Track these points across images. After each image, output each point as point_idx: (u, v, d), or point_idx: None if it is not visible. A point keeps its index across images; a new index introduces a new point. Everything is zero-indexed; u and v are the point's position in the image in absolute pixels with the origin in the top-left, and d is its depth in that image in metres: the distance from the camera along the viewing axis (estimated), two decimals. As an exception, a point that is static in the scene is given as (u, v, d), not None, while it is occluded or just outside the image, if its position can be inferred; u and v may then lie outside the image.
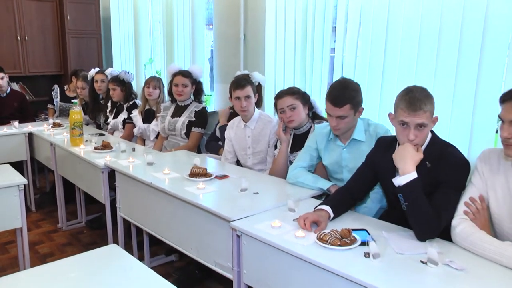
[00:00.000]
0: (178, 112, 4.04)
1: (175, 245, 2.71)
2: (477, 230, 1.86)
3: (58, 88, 5.70)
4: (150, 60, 5.90)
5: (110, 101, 4.81)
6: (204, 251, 2.48)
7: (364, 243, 1.90)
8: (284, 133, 3.06)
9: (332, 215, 2.16)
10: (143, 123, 4.37)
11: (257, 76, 3.64)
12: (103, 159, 3.37)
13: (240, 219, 2.20)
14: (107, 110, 4.86)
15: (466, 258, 1.79)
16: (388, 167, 2.19)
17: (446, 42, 2.80)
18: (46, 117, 5.70)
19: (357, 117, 2.57)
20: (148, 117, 4.39)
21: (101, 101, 5.04)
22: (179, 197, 2.56)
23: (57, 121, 4.98)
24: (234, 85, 3.32)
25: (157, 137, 4.30)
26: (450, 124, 2.83)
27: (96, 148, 3.71)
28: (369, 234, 2.01)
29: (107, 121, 4.84)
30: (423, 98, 2.01)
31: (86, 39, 6.41)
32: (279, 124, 3.10)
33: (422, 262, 1.76)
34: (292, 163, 2.86)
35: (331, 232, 1.94)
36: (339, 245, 1.87)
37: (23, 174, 3.42)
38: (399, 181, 1.99)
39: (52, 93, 5.70)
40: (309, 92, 3.43)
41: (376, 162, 2.30)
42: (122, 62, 6.37)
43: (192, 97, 4.07)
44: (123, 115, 4.61)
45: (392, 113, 2.15)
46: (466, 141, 2.76)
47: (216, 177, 2.87)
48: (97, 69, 5.12)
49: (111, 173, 3.30)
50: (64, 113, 5.46)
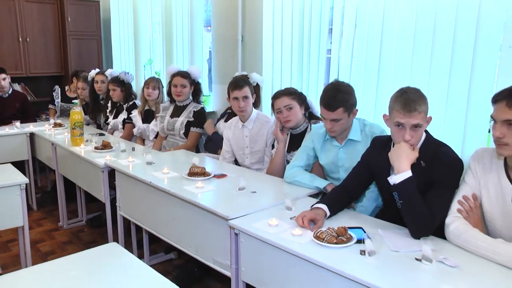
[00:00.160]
0: (177, 112, 4.03)
1: (174, 243, 2.71)
2: (470, 228, 1.87)
3: (59, 88, 5.69)
4: (149, 61, 5.89)
5: (110, 101, 4.79)
6: (203, 249, 2.48)
7: (360, 241, 1.90)
8: (281, 133, 3.06)
9: (329, 213, 2.16)
10: (143, 123, 4.37)
11: (256, 77, 3.64)
12: (103, 159, 3.37)
13: (238, 217, 2.20)
14: (107, 110, 4.85)
15: (460, 255, 1.79)
16: (383, 166, 2.20)
17: (440, 44, 2.81)
18: (47, 117, 5.69)
19: (351, 118, 2.57)
20: (148, 117, 4.39)
21: (101, 102, 5.03)
22: (178, 196, 2.56)
23: (58, 121, 4.96)
24: (232, 85, 3.31)
25: (156, 137, 4.29)
26: (444, 124, 2.84)
27: (96, 148, 3.70)
28: (364, 232, 2.01)
29: (107, 121, 4.83)
30: (418, 99, 2.01)
31: (87, 41, 6.40)
32: (276, 124, 3.10)
33: (416, 259, 1.76)
34: (289, 163, 2.86)
35: (327, 230, 1.94)
36: (336, 243, 1.87)
37: (24, 174, 3.40)
38: (394, 179, 1.99)
39: (53, 93, 5.69)
40: (306, 93, 3.43)
41: (372, 161, 2.30)
42: (122, 63, 6.36)
43: (190, 97, 4.07)
44: (123, 115, 4.60)
45: (387, 114, 2.15)
46: (460, 140, 2.77)
47: (215, 176, 2.86)
48: (97, 70, 5.10)
49: (111, 173, 3.30)
50: (65, 113, 5.45)
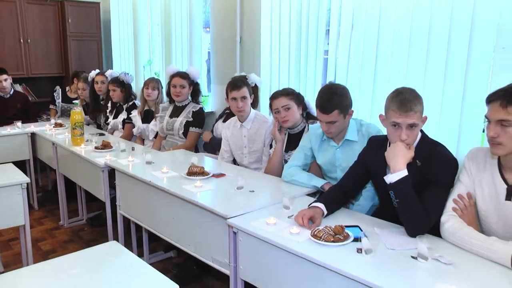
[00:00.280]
0: (176, 112, 4.03)
1: (174, 241, 2.71)
2: (465, 226, 1.87)
3: (60, 89, 5.69)
4: (149, 62, 5.88)
5: (110, 101, 4.79)
6: (202, 247, 2.48)
7: (356, 239, 1.90)
8: (279, 132, 3.06)
9: (326, 212, 2.16)
10: (142, 123, 4.37)
11: (254, 78, 3.64)
12: (103, 158, 3.37)
13: (237, 216, 2.20)
14: (107, 110, 4.84)
15: (455, 253, 1.80)
16: (379, 166, 2.20)
17: (435, 45, 2.81)
18: (48, 117, 5.69)
19: (347, 119, 2.57)
20: (147, 117, 4.38)
21: (101, 102, 5.03)
22: (177, 195, 2.56)
23: (59, 121, 4.95)
24: (230, 86, 3.31)
25: (155, 136, 4.29)
26: (439, 124, 2.84)
27: (96, 148, 3.70)
28: (361, 231, 2.02)
29: (107, 121, 4.83)
30: (413, 99, 2.01)
31: (87, 42, 6.40)
32: (274, 124, 3.10)
33: (412, 257, 1.76)
34: (287, 162, 2.86)
35: (324, 228, 1.95)
36: (333, 241, 1.87)
37: (26, 173, 3.41)
38: (390, 178, 2.00)
39: (54, 94, 5.69)
40: (303, 93, 3.43)
41: (368, 160, 2.30)
42: (121, 64, 6.35)
43: (189, 97, 4.06)
44: (122, 115, 4.60)
45: (383, 115, 2.15)
46: (455, 140, 2.77)
47: (213, 175, 2.86)
48: (97, 70, 5.10)
49: (111, 172, 3.29)
50: (66, 113, 5.45)
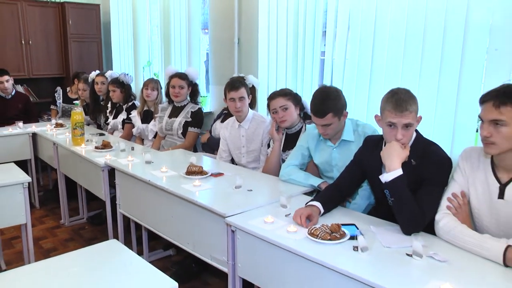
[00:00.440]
0: (175, 112, 4.03)
1: (173, 240, 2.71)
2: (458, 224, 1.88)
3: (61, 90, 5.67)
4: (148, 63, 5.88)
5: (110, 102, 4.78)
6: (200, 245, 2.48)
7: (353, 237, 1.90)
8: (276, 132, 3.06)
9: (323, 210, 2.16)
10: (142, 123, 4.36)
11: (252, 79, 3.64)
12: (104, 158, 3.37)
13: (235, 215, 2.20)
14: (107, 111, 4.84)
15: (449, 250, 1.80)
16: (375, 165, 2.20)
17: (430, 46, 2.82)
18: (49, 117, 5.68)
19: (342, 121, 2.57)
20: (147, 117, 4.38)
21: (102, 102, 5.02)
22: (176, 194, 2.55)
23: (60, 121, 4.95)
24: (228, 87, 3.31)
25: (155, 136, 4.29)
26: (433, 123, 2.84)
27: (96, 148, 3.69)
28: (357, 229, 2.02)
29: (107, 122, 4.82)
30: (408, 99, 2.02)
31: (87, 43, 6.39)
32: (272, 124, 3.10)
33: (407, 254, 1.77)
34: (285, 162, 2.86)
35: (321, 227, 1.95)
36: (329, 239, 1.88)
37: (27, 173, 3.40)
38: (385, 177, 2.00)
39: (55, 94, 5.67)
40: (301, 93, 3.42)
41: (364, 160, 2.31)
42: (121, 65, 6.34)
43: (188, 98, 4.06)
44: (122, 115, 4.60)
45: (379, 115, 2.16)
46: (449, 139, 2.78)
47: (212, 175, 2.86)
48: (97, 71, 5.09)
49: (111, 171, 3.29)
50: (66, 114, 5.44)
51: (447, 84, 2.76)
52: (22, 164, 4.11)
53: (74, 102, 5.33)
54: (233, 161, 3.49)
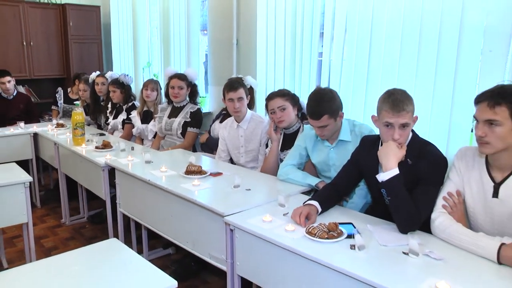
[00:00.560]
0: (174, 113, 4.02)
1: (172, 238, 2.70)
2: (454, 223, 1.88)
3: (62, 90, 5.66)
4: (148, 64, 5.87)
5: (110, 102, 4.78)
6: (200, 244, 2.48)
7: (350, 236, 1.90)
8: (274, 132, 3.06)
9: (320, 209, 2.16)
10: (141, 123, 4.36)
11: (250, 80, 3.63)
12: (104, 158, 3.36)
13: (233, 214, 2.20)
14: (107, 111, 4.83)
15: (444, 248, 1.81)
16: (372, 164, 2.20)
17: (426, 48, 2.82)
18: (50, 118, 5.67)
19: (338, 121, 2.57)
20: (146, 117, 4.38)
21: (102, 103, 5.02)
22: (175, 193, 2.55)
23: (61, 121, 4.94)
24: (227, 87, 3.31)
25: (154, 136, 4.28)
26: (429, 123, 2.85)
27: (97, 147, 3.69)
28: (354, 228, 2.02)
29: (107, 122, 4.81)
30: (405, 99, 2.03)
31: (88, 44, 6.38)
32: (270, 124, 3.10)
33: (404, 253, 1.77)
34: (283, 161, 2.86)
35: (319, 225, 1.95)
36: (327, 238, 1.88)
37: (28, 172, 3.40)
38: (382, 177, 2.01)
39: (56, 95, 5.66)
40: (298, 94, 3.41)
41: (361, 160, 2.31)
42: (121, 65, 6.33)
43: (187, 98, 4.06)
44: (122, 116, 4.59)
45: (375, 116, 2.16)
46: (444, 139, 2.78)
47: (211, 174, 2.86)
48: (98, 72, 5.09)
49: (111, 171, 3.28)
50: (67, 114, 5.43)
51: (443, 84, 2.77)
52: (24, 164, 4.11)
53: (74, 102, 5.29)
54: (231, 160, 3.48)
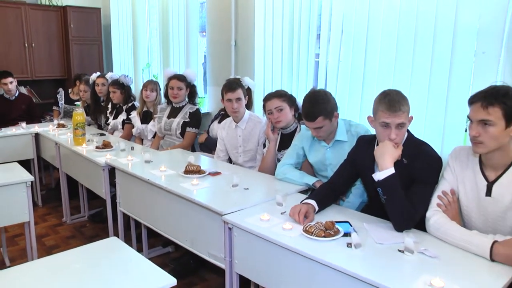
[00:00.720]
0: (174, 113, 4.02)
1: (171, 237, 2.70)
2: (448, 221, 1.88)
3: (63, 91, 5.66)
4: (147, 65, 5.86)
5: (110, 103, 4.77)
6: (198, 242, 2.47)
7: (346, 234, 1.90)
8: (272, 132, 3.05)
9: (317, 208, 2.16)
10: (141, 123, 4.35)
11: (247, 81, 3.63)
12: (104, 157, 3.36)
13: (232, 212, 2.20)
14: (108, 111, 4.82)
15: (439, 246, 1.81)
16: (368, 164, 2.20)
17: (421, 49, 2.83)
18: (51, 118, 5.66)
19: (334, 122, 2.57)
20: (146, 118, 4.37)
21: (102, 103, 5.01)
22: (174, 192, 2.55)
23: (62, 122, 4.93)
24: (226, 88, 3.30)
25: (154, 136, 4.28)
26: (424, 124, 2.85)
27: (97, 147, 3.69)
28: (351, 226, 2.02)
29: (107, 122, 4.81)
30: (401, 100, 2.03)
31: (88, 46, 6.37)
32: (267, 125, 3.09)
33: (399, 250, 1.77)
34: (280, 161, 2.85)
35: (316, 224, 1.95)
36: (324, 236, 1.87)
37: (30, 172, 3.39)
38: (378, 176, 2.01)
39: (57, 96, 5.66)
40: (296, 95, 3.41)
41: (357, 159, 2.31)
42: (121, 66, 6.32)
43: (186, 99, 4.05)
44: (122, 116, 4.59)
45: (371, 116, 2.16)
46: (439, 139, 2.78)
47: (209, 173, 2.86)
48: (98, 73, 5.08)
49: (112, 171, 3.28)
50: (68, 114, 5.42)
51: (437, 85, 2.77)
52: (25, 164, 4.08)
53: (75, 103, 5.26)
54: (230, 160, 3.48)
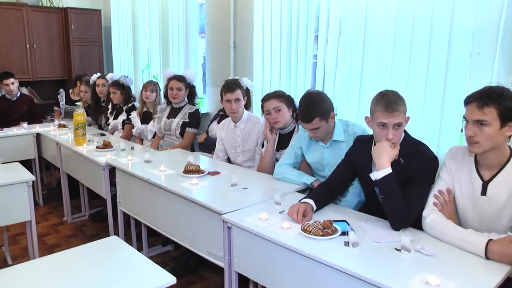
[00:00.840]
0: (173, 113, 4.01)
1: (171, 236, 2.70)
2: (444, 220, 1.89)
3: (64, 92, 5.65)
4: (147, 66, 5.86)
5: (110, 103, 4.76)
6: (198, 241, 2.47)
7: (344, 233, 1.90)
8: (270, 133, 3.05)
9: (315, 207, 2.16)
10: (141, 124, 4.34)
11: (246, 82, 3.63)
12: (104, 157, 3.35)
13: (231, 212, 2.20)
14: (108, 112, 4.82)
15: (435, 245, 1.81)
16: (365, 164, 2.21)
17: (417, 50, 2.83)
18: (53, 118, 5.65)
19: (330, 122, 2.57)
20: (146, 118, 4.36)
21: (102, 104, 5.00)
22: (174, 192, 2.55)
23: (62, 122, 4.93)
24: (225, 88, 3.30)
25: (154, 137, 4.27)
26: (421, 124, 2.85)
27: (97, 147, 3.68)
28: (348, 225, 2.02)
29: (107, 122, 4.80)
30: (398, 100, 2.03)
31: (89, 47, 6.35)
32: (265, 125, 3.09)
33: (396, 249, 1.77)
34: (279, 160, 2.85)
35: (314, 223, 1.95)
36: (322, 235, 1.88)
37: (31, 172, 3.38)
38: (375, 175, 2.01)
39: (58, 96, 5.65)
40: (294, 95, 3.42)
41: (355, 159, 2.31)
42: (121, 67, 6.31)
43: (186, 99, 4.05)
44: (122, 116, 4.58)
45: (369, 117, 2.16)
46: (435, 139, 2.79)
47: (208, 173, 2.85)
48: (98, 74, 5.07)
49: (112, 170, 3.27)
50: (69, 115, 5.42)
51: (434, 86, 2.78)
52: (27, 164, 4.08)
53: (76, 103, 5.26)
54: (229, 160, 3.48)
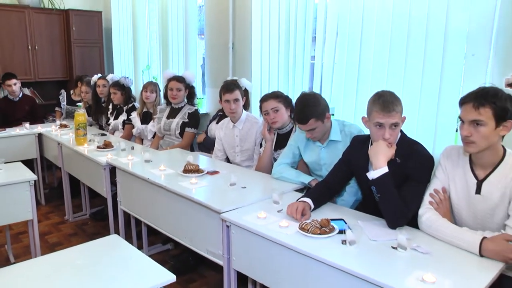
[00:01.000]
0: (173, 114, 4.01)
1: (171, 234, 2.70)
2: (440, 218, 1.89)
3: (65, 92, 5.65)
4: (147, 67, 5.85)
5: (111, 104, 4.76)
6: (197, 240, 2.47)
7: (341, 231, 1.90)
8: (268, 133, 3.05)
9: (313, 206, 2.16)
10: (141, 124, 4.34)
11: (244, 82, 3.63)
12: (105, 157, 3.35)
13: (230, 211, 2.19)
14: (108, 112, 4.81)
15: (431, 243, 1.81)
16: (362, 163, 2.21)
17: (413, 51, 2.83)
18: (54, 119, 5.64)
19: (326, 122, 2.56)
20: (146, 118, 4.36)
21: (103, 104, 5.00)
22: (174, 191, 2.54)
23: (64, 122, 4.93)
24: (223, 89, 3.30)
25: (153, 137, 4.27)
26: (417, 124, 2.85)
27: (98, 147, 3.68)
28: (346, 223, 2.02)
29: (108, 122, 4.79)
30: (394, 100, 2.03)
31: (90, 48, 6.34)
32: (264, 125, 3.09)
33: (393, 247, 1.77)
34: (277, 160, 2.85)
35: (311, 221, 1.95)
36: (319, 234, 1.87)
37: (33, 171, 3.38)
38: (372, 175, 2.01)
39: (60, 97, 5.65)
40: (291, 96, 3.41)
41: (352, 158, 2.31)
42: (122, 68, 6.30)
43: (185, 100, 4.04)
44: (123, 116, 4.58)
45: (365, 117, 2.16)
46: (431, 138, 2.79)
47: (208, 173, 2.85)
48: (99, 75, 5.07)
49: (112, 170, 3.27)
50: (70, 115, 5.41)
51: (429, 86, 2.78)
52: (29, 163, 4.08)
53: (77, 104, 5.30)
54: (228, 160, 3.47)
